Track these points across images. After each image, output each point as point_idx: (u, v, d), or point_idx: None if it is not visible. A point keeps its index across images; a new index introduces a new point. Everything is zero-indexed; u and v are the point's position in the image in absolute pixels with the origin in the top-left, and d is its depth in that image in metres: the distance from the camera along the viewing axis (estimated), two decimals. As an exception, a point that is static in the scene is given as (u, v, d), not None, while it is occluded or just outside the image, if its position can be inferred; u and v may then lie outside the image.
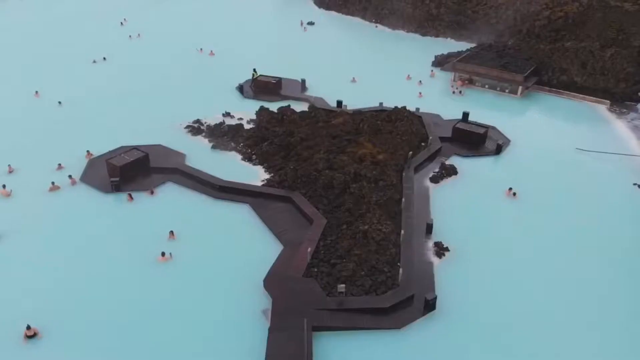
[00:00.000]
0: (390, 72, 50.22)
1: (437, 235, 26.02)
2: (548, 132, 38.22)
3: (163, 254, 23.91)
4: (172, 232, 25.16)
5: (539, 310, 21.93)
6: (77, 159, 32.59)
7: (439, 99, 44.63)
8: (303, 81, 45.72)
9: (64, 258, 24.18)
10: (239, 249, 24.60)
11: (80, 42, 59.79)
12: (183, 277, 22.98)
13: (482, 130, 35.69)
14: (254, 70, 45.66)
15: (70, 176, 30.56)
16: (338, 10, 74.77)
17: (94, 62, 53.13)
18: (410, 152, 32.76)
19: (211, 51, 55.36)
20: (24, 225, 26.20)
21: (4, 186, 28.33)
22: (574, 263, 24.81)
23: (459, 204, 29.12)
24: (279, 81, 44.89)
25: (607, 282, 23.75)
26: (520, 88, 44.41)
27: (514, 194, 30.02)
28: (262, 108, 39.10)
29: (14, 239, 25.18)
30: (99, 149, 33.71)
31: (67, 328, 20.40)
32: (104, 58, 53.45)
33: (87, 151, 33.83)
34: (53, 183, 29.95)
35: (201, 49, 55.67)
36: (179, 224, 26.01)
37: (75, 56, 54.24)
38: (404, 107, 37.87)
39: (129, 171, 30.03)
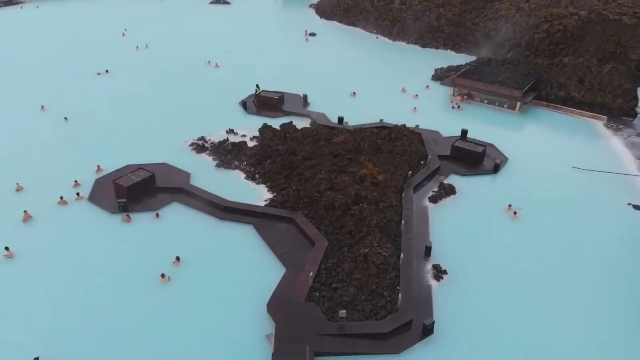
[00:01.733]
0: (390, 85, 51.06)
1: (436, 257, 26.75)
2: (545, 150, 38.90)
3: (163, 275, 24.69)
4: (178, 258, 25.81)
5: (538, 334, 22.53)
6: (86, 175, 33.49)
7: (438, 114, 45.42)
8: (305, 96, 46.50)
9: (68, 278, 24.92)
10: (242, 272, 25.32)
11: (84, 53, 60.76)
12: (188, 300, 23.66)
13: (480, 149, 36.41)
14: (257, 86, 46.46)
15: (77, 194, 31.54)
16: (339, 21, 75.73)
17: (98, 74, 54.05)
18: (410, 172, 33.53)
19: (216, 64, 56.15)
20: (33, 245, 26.96)
21: (25, 211, 28.97)
22: (572, 286, 25.38)
23: (457, 224, 29.81)
24: (281, 97, 45.68)
25: (605, 306, 24.20)
26: (518, 104, 45.14)
27: (515, 212, 30.80)
28: (265, 125, 39.88)
29: (23, 259, 26.00)
30: (105, 167, 34.59)
31: (64, 351, 20.96)
32: (107, 71, 54.33)
33: (98, 166, 34.86)
34: (62, 198, 31.03)
35: (209, 62, 56.42)
36: (184, 247, 26.74)
37: (79, 68, 55.19)
38: (404, 125, 38.67)
39: (136, 191, 30.84)
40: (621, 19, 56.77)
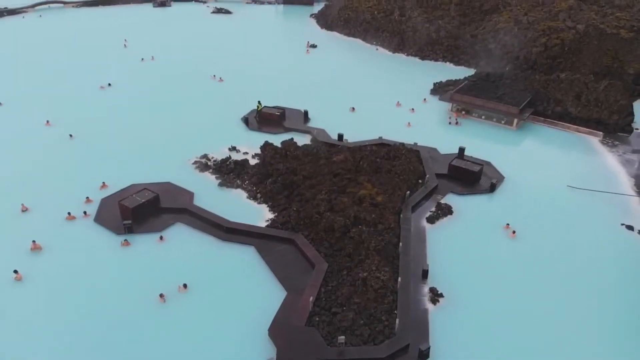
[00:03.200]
0: (389, 99, 51.82)
1: (433, 279, 27.53)
2: (541, 168, 39.61)
3: (161, 295, 25.55)
4: (185, 285, 26.39)
5: (535, 358, 23.28)
6: (91, 193, 34.38)
7: (437, 130, 46.26)
8: (305, 112, 47.33)
9: (75, 301, 25.62)
10: (244, 296, 26.08)
11: (88, 64, 61.59)
12: (190, 324, 24.37)
13: (477, 168, 37.18)
14: (259, 102, 47.28)
15: (85, 212, 32.48)
16: (340, 31, 76.55)
17: (102, 88, 54.86)
18: (408, 192, 34.32)
19: (220, 78, 56.99)
20: (40, 268, 27.73)
21: (33, 241, 29.29)
22: (569, 310, 26.03)
23: (454, 245, 30.58)
24: (282, 113, 46.49)
25: (602, 331, 24.83)
26: (515, 120, 45.90)
27: (513, 232, 31.62)
28: (266, 143, 40.70)
29: (30, 282, 26.81)
30: (110, 184, 35.47)
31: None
32: (109, 84, 55.16)
33: (103, 182, 35.83)
34: (69, 213, 32.09)
35: (214, 76, 57.33)
36: (187, 271, 27.49)
37: (83, 81, 55.96)
38: (402, 144, 39.50)
39: (141, 212, 31.65)
40: (618, 32, 57.59)
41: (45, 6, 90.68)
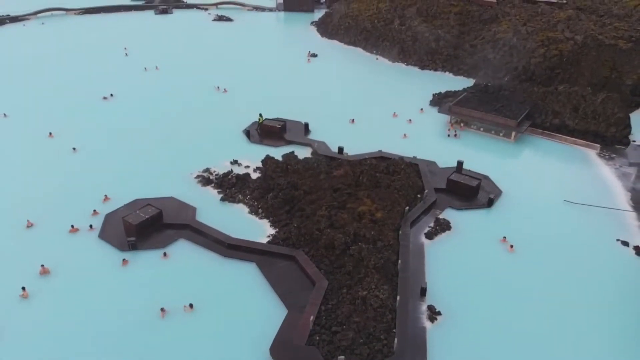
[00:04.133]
0: (389, 110, 52.38)
1: (431, 297, 28.04)
2: (538, 182, 40.16)
3: (162, 309, 26.23)
4: (191, 305, 26.84)
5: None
6: (95, 206, 35.16)
7: (436, 142, 46.83)
8: (306, 124, 47.92)
9: (78, 318, 26.22)
10: (246, 314, 26.60)
11: (90, 74, 62.37)
12: (192, 343, 24.93)
13: (474, 183, 37.72)
14: (260, 115, 47.88)
15: (90, 225, 33.23)
16: (340, 40, 77.19)
17: (104, 98, 55.46)
18: (407, 208, 34.89)
19: (225, 89, 57.51)
20: (47, 285, 28.32)
21: (42, 266, 29.53)
22: (567, 327, 26.53)
23: (452, 262, 31.11)
24: (283, 125, 47.07)
25: (601, 348, 25.33)
26: (513, 133, 46.45)
27: (511, 246, 32.27)
28: (267, 157, 41.28)
29: (37, 300, 27.40)
30: (113, 197, 36.25)
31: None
32: (111, 94, 55.75)
33: (105, 195, 36.54)
34: (72, 226, 32.91)
35: (218, 87, 57.83)
36: (190, 289, 28.06)
37: (86, 91, 56.71)
38: (401, 159, 40.07)
39: (144, 229, 32.26)
40: (617, 43, 58.12)
41: (47, 13, 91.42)
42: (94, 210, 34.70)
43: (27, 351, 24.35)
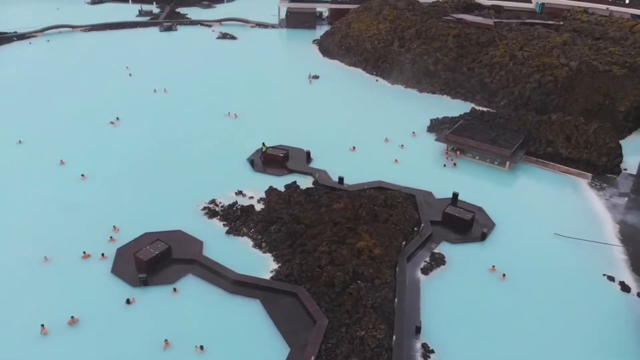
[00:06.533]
0: (386, 136, 53.86)
1: (426, 334, 29.72)
2: (530, 213, 41.74)
3: (166, 340, 27.99)
4: (202, 347, 28.37)
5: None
6: (105, 237, 37.13)
7: (432, 171, 48.41)
8: (308, 152, 49.66)
9: (95, 353, 28.05)
10: (250, 352, 28.28)
11: (97, 96, 63.97)
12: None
13: (469, 216, 39.40)
14: (263, 144, 49.62)
15: (102, 254, 35.30)
16: (341, 60, 78.79)
17: (111, 123, 57.16)
18: (404, 243, 36.62)
19: (235, 114, 59.27)
20: (61, 323, 30.00)
21: (72, 317, 30.60)
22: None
23: (446, 298, 32.78)
24: (286, 154, 48.78)
25: None
26: (507, 162, 48.10)
27: (503, 275, 34.18)
28: (271, 189, 43.08)
29: (54, 336, 29.17)
30: (121, 228, 38.23)
31: None
32: (117, 118, 57.50)
33: (114, 226, 38.42)
34: (84, 252, 35.07)
35: (229, 113, 59.52)
36: (198, 325, 29.87)
37: (93, 114, 58.34)
38: (399, 192, 41.81)
39: (155, 264, 34.05)
40: (611, 69, 59.76)
41: (55, 30, 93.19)
42: (111, 237, 37.08)
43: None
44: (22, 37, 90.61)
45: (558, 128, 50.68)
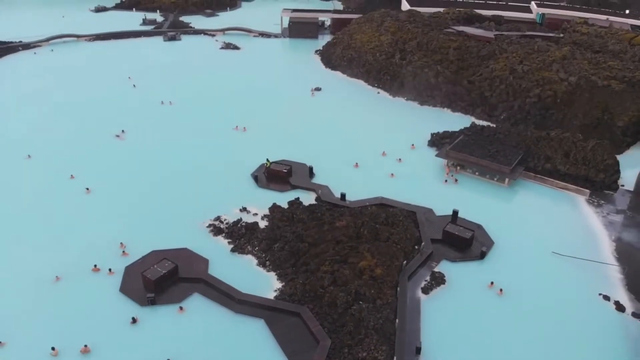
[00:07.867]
0: (386, 149, 54.80)
1: (425, 354, 30.61)
2: (528, 231, 42.61)
3: None
4: None
5: None
6: (113, 254, 38.20)
7: (433, 187, 49.33)
8: (310, 168, 50.56)
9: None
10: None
11: (103, 108, 64.89)
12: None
13: (468, 235, 40.24)
14: (267, 160, 50.53)
15: (110, 269, 36.46)
16: (343, 72, 79.66)
17: (117, 136, 58.10)
18: (405, 262, 37.51)
19: (244, 127, 60.18)
20: (73, 342, 30.91)
21: (85, 345, 30.90)
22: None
23: (445, 317, 33.66)
24: (289, 170, 49.67)
25: None
26: (507, 179, 48.94)
27: (500, 290, 35.17)
28: (274, 206, 44.00)
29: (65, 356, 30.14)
30: (128, 244, 39.17)
31: None
32: (123, 130, 58.40)
33: (121, 243, 39.41)
34: (95, 265, 36.32)
35: (237, 127, 60.41)
36: (204, 345, 30.76)
37: (99, 126, 59.28)
38: (400, 210, 42.69)
39: (162, 283, 34.97)
40: (609, 84, 60.58)
41: (59, 40, 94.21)
42: (123, 252, 38.44)
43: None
44: (27, 46, 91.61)
45: (557, 144, 51.51)
